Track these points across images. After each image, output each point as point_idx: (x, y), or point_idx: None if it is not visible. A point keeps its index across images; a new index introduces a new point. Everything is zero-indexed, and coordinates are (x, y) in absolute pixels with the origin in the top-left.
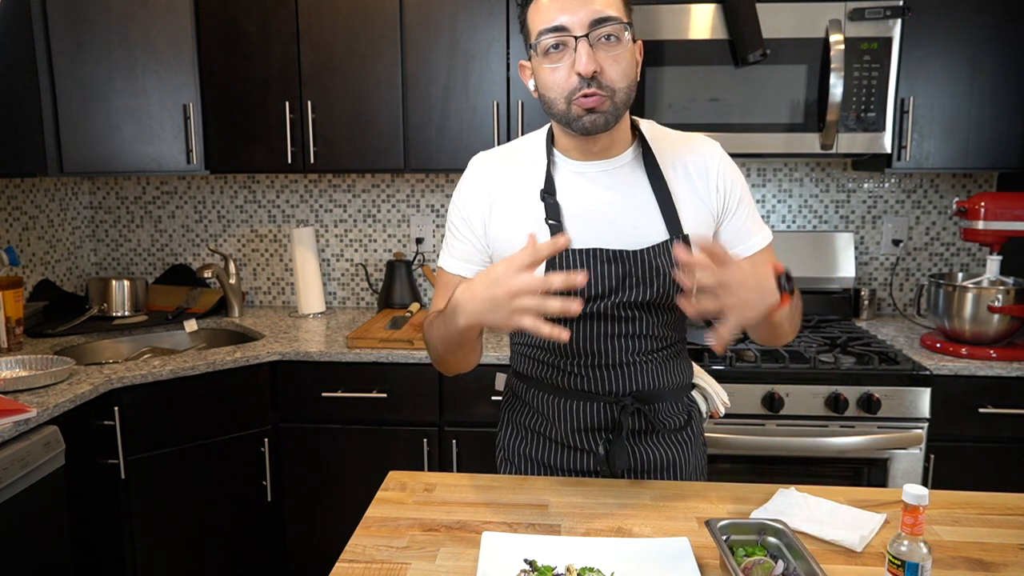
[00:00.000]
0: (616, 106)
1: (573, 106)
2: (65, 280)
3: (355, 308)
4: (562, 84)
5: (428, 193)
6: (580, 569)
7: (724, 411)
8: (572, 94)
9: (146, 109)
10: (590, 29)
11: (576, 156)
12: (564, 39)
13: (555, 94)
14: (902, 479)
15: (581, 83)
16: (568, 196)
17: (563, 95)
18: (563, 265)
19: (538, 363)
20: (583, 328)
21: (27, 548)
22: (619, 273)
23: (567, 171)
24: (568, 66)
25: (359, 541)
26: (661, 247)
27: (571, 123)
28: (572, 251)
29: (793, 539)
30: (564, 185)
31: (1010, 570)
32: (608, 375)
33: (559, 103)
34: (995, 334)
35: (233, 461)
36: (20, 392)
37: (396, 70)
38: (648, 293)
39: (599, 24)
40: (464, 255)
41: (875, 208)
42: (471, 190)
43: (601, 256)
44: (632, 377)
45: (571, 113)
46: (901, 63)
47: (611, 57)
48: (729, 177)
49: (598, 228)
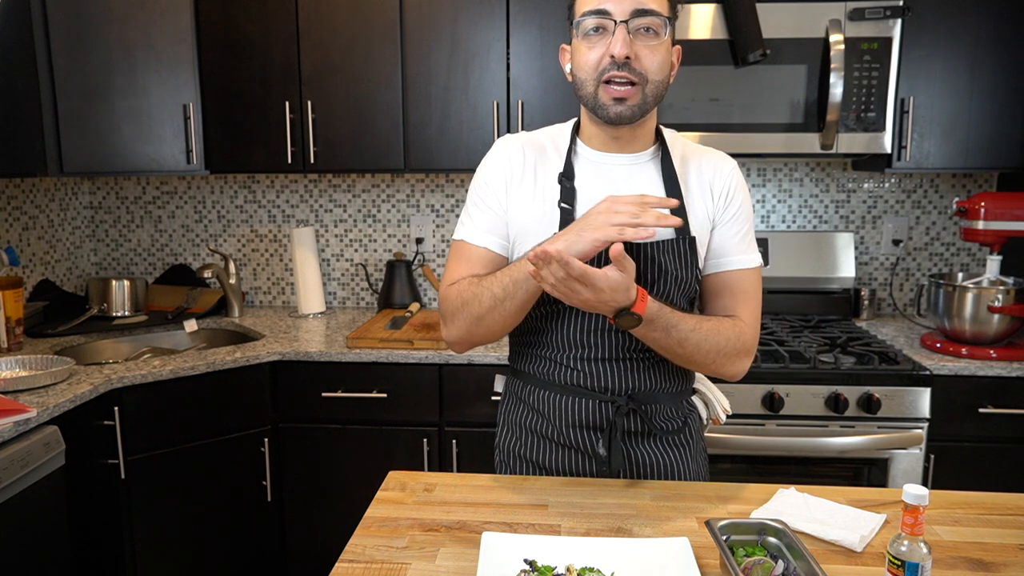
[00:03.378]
0: (645, 98)
1: (601, 91)
2: (65, 280)
3: (355, 308)
4: (594, 65)
5: (428, 193)
6: (580, 569)
7: (724, 419)
8: (602, 74)
9: (146, 109)
10: (631, 17)
11: (597, 146)
12: (604, 23)
13: (586, 75)
14: (902, 479)
15: (612, 65)
16: (583, 183)
17: (593, 76)
18: None
19: (535, 358)
20: (579, 319)
21: (27, 548)
22: None
23: (586, 159)
24: (604, 48)
25: (359, 541)
26: (666, 244)
27: (598, 109)
28: None
29: (793, 539)
30: (581, 172)
31: (1010, 570)
32: (603, 370)
33: (588, 84)
34: (995, 334)
35: (233, 461)
36: (20, 392)
37: (396, 70)
38: (651, 291)
39: (641, 15)
40: (489, 226)
41: (875, 208)
42: (497, 164)
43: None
44: (626, 374)
45: (599, 99)
46: (901, 63)
47: (647, 47)
48: (734, 189)
49: None
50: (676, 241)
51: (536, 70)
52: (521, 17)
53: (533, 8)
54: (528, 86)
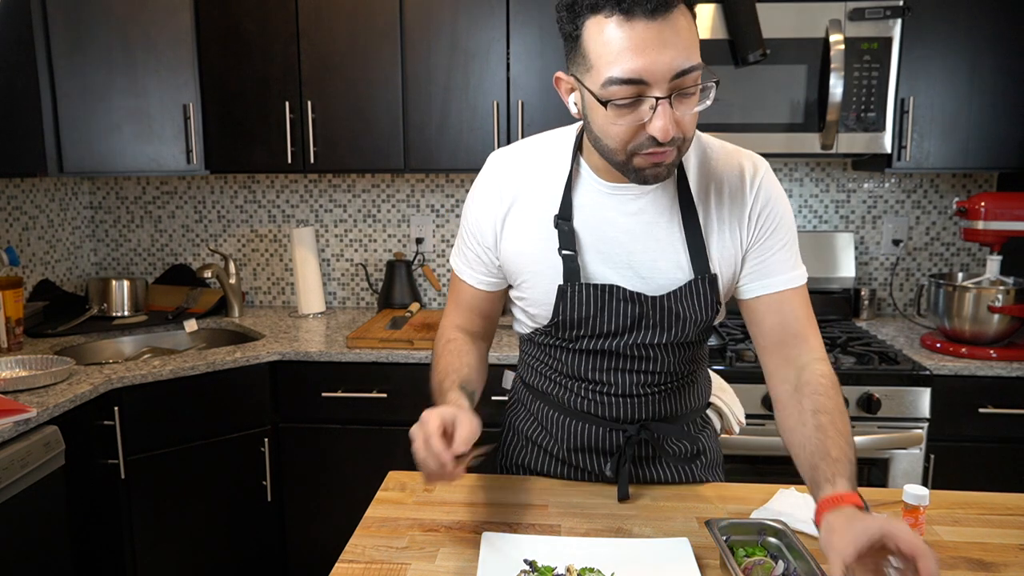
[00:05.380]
0: (682, 152)
1: (635, 160)
2: (65, 280)
3: (355, 308)
4: (625, 138)
5: (428, 193)
6: (580, 569)
7: (739, 430)
8: (637, 149)
9: (146, 109)
10: (671, 86)
11: (606, 176)
12: (640, 96)
13: (615, 145)
14: (902, 479)
15: (651, 143)
16: (588, 217)
17: (624, 148)
18: (574, 299)
19: (546, 379)
20: (593, 360)
21: (27, 548)
22: (635, 313)
23: (593, 189)
24: (636, 119)
25: (359, 541)
26: (683, 290)
27: (627, 173)
28: (587, 285)
29: (793, 539)
30: (586, 203)
31: (1010, 570)
32: (616, 403)
33: (617, 154)
34: (995, 334)
35: (233, 461)
36: (20, 392)
37: (396, 70)
38: (665, 336)
39: (681, 76)
40: (472, 264)
41: (875, 208)
42: (484, 199)
43: (617, 294)
44: (642, 407)
45: (631, 165)
46: (901, 63)
47: (691, 115)
48: (766, 199)
49: (616, 260)
50: (694, 283)
51: (536, 70)
52: (521, 17)
53: (533, 8)
54: (528, 86)
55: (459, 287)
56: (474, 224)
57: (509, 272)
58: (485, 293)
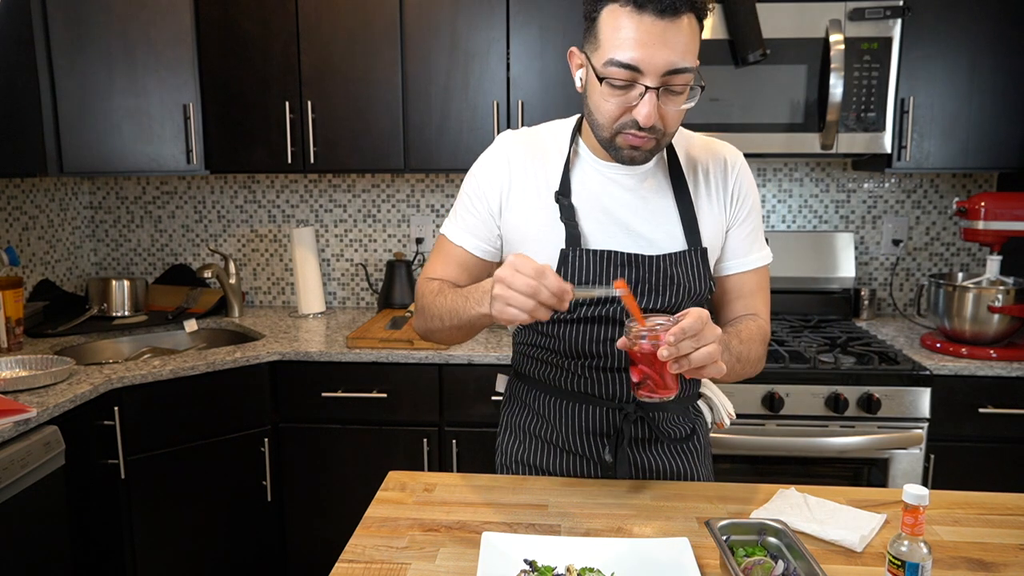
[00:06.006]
0: (661, 146)
1: (618, 138)
2: (65, 280)
3: (355, 308)
4: (613, 115)
5: (428, 193)
6: (580, 569)
7: (729, 423)
8: (621, 128)
9: (146, 109)
10: (662, 80)
11: (602, 156)
12: (633, 82)
13: (603, 120)
14: (902, 479)
15: (634, 125)
16: (587, 192)
17: (610, 125)
18: (575, 264)
19: (540, 363)
20: (587, 330)
21: (27, 548)
22: (632, 278)
23: (591, 167)
24: (626, 102)
25: (359, 541)
26: (678, 256)
27: (609, 149)
28: (585, 251)
29: (793, 539)
30: (585, 180)
31: (1010, 570)
32: (610, 378)
33: (604, 130)
34: (995, 334)
35: (233, 461)
36: (20, 392)
37: (396, 70)
38: (660, 301)
39: (674, 73)
40: (473, 229)
41: (875, 208)
42: (493, 167)
43: (615, 259)
44: None
45: (614, 142)
46: (901, 63)
47: (675, 111)
48: (744, 187)
49: (613, 230)
50: (688, 253)
51: (536, 70)
52: (521, 17)
53: (533, 8)
54: (528, 86)
55: (450, 249)
56: (482, 187)
57: (510, 241)
58: (471, 256)
